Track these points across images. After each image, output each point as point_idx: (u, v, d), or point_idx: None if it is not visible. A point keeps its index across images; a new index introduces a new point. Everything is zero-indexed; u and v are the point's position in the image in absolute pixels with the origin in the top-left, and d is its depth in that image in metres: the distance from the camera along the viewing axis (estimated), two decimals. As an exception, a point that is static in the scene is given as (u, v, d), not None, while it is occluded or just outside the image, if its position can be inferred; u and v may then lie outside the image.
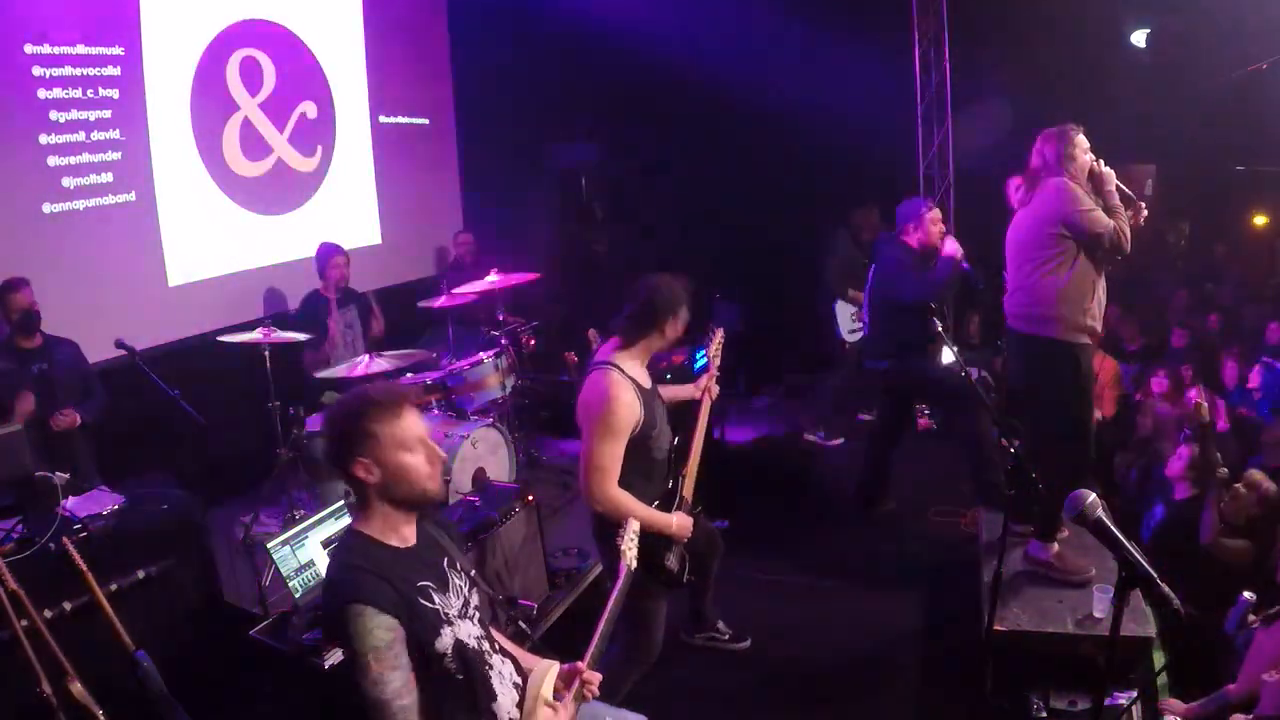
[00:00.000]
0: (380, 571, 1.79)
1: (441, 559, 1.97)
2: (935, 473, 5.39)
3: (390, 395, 1.89)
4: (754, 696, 3.50)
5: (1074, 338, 3.41)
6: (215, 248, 5.30)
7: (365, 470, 1.83)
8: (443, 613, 1.86)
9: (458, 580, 1.96)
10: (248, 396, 4.47)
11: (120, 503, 3.41)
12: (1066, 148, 3.38)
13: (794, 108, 7.50)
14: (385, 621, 1.75)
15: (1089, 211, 3.31)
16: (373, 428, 1.83)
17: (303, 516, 3.60)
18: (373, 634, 1.73)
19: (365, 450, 1.83)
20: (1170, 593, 1.66)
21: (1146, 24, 6.66)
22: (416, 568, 1.87)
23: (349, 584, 1.78)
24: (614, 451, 2.71)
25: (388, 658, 1.74)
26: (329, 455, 1.94)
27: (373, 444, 1.83)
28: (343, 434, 1.86)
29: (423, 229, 7.02)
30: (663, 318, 2.83)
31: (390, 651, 1.75)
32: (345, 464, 1.85)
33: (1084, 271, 3.36)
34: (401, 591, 1.79)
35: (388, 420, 1.84)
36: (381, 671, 1.74)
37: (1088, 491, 1.70)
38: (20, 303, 4.04)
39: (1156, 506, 4.24)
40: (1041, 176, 3.45)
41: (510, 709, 1.96)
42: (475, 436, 4.50)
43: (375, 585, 1.77)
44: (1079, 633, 3.26)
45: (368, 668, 1.73)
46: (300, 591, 3.08)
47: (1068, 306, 3.37)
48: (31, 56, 4.31)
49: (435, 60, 7.12)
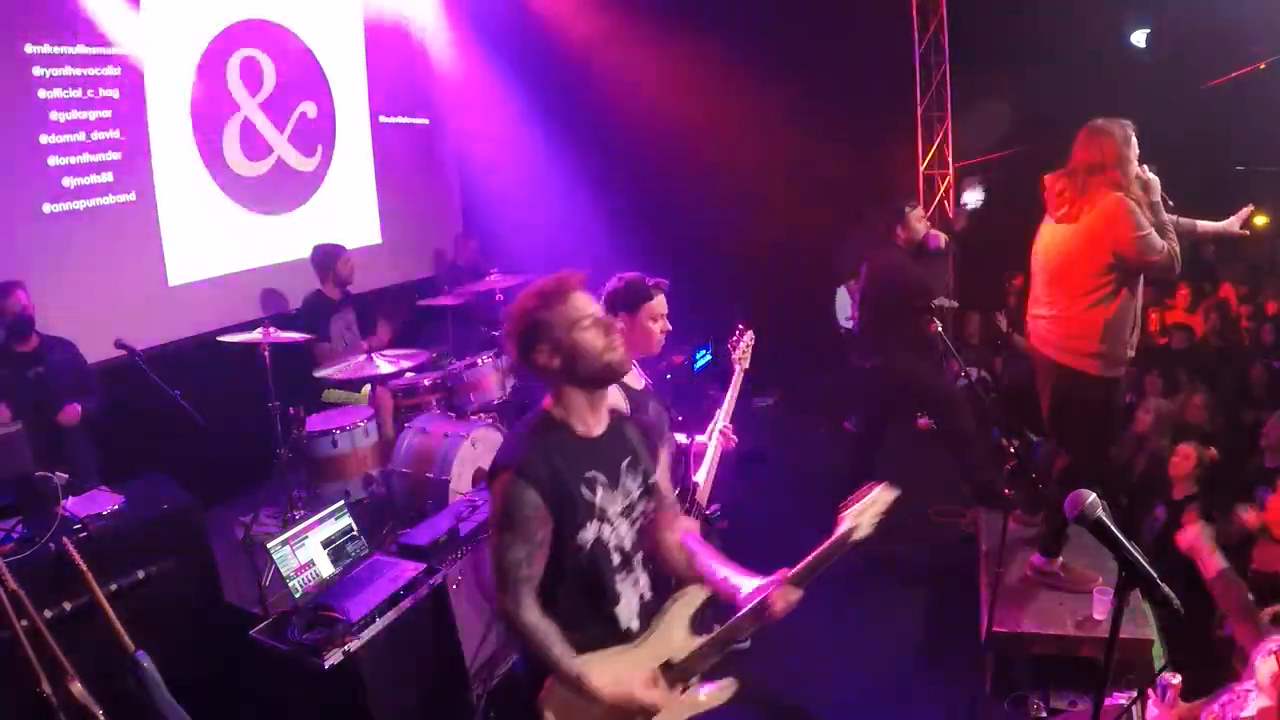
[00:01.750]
0: (550, 450, 1.90)
1: (624, 458, 2.03)
2: (935, 473, 5.39)
3: (555, 282, 1.97)
4: (754, 696, 3.50)
5: (1112, 372, 3.21)
6: (215, 248, 5.30)
7: (546, 356, 1.92)
8: (598, 507, 1.93)
9: (630, 483, 2.02)
10: (248, 396, 4.47)
11: (120, 503, 3.40)
12: (1124, 149, 3.07)
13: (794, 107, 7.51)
14: (530, 497, 1.84)
15: (1147, 235, 3.01)
16: (543, 315, 1.92)
17: (303, 516, 3.59)
18: (514, 502, 1.84)
19: (542, 337, 1.91)
20: (1171, 593, 1.65)
21: (1146, 24, 6.66)
22: (591, 458, 1.95)
23: (516, 450, 1.92)
24: None
25: (519, 529, 1.84)
26: (515, 354, 1.99)
27: (546, 330, 1.91)
28: (519, 330, 1.95)
29: (423, 229, 7.02)
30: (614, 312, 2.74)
31: (524, 526, 1.84)
32: (528, 357, 1.94)
33: (1129, 299, 3.13)
34: (563, 476, 1.88)
35: (556, 305, 1.93)
36: (509, 539, 1.84)
37: (1088, 491, 1.70)
38: (13, 307, 4.02)
39: (1158, 507, 4.23)
40: (1093, 186, 3.10)
41: (630, 619, 2.02)
42: (475, 436, 4.50)
43: (538, 461, 1.87)
44: (1079, 634, 3.26)
45: (498, 529, 1.87)
46: (300, 591, 3.08)
47: (1111, 340, 3.14)
48: (31, 56, 4.30)
49: (435, 60, 7.12)
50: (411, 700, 3.13)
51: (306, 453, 4.54)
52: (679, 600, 2.06)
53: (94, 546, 3.05)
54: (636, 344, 2.80)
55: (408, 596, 3.14)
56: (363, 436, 4.59)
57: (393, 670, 3.06)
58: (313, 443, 4.49)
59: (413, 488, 4.45)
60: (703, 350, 6.54)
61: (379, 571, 3.25)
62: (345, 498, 3.89)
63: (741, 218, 7.96)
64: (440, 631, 3.27)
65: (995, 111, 6.62)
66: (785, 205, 7.57)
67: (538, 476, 1.85)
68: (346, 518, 3.36)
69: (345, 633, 2.86)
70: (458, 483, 4.33)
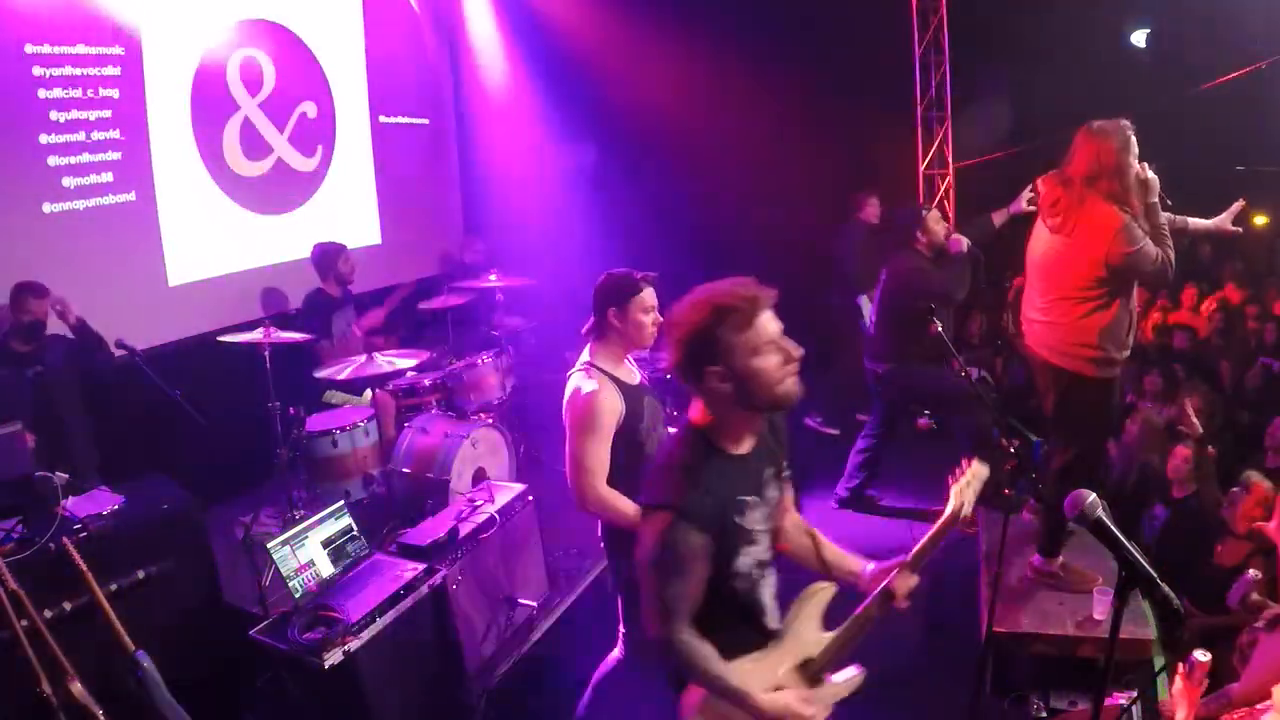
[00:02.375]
0: (709, 481, 1.78)
1: (767, 468, 1.94)
2: (935, 473, 5.38)
3: (744, 299, 1.79)
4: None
5: (1109, 372, 3.24)
6: (215, 248, 5.30)
7: (718, 379, 1.77)
8: (748, 530, 1.85)
9: (772, 491, 1.95)
10: (248, 396, 4.47)
11: (120, 503, 3.40)
12: (1125, 156, 3.00)
13: (794, 107, 7.51)
14: (694, 539, 1.74)
15: (1141, 249, 2.98)
16: (725, 335, 1.75)
17: (303, 516, 3.60)
18: (676, 545, 1.73)
19: (718, 359, 1.76)
20: (1171, 593, 1.65)
21: (1146, 24, 6.66)
22: (743, 479, 1.86)
23: (674, 487, 1.77)
24: (595, 450, 2.67)
25: (682, 569, 1.75)
26: (680, 367, 1.83)
27: (726, 352, 1.75)
28: (691, 344, 1.78)
29: (423, 229, 7.02)
30: (604, 309, 2.77)
31: (686, 565, 1.75)
32: (696, 374, 1.79)
33: (1123, 305, 3.15)
34: (724, 508, 1.79)
35: (742, 328, 1.76)
36: (669, 578, 1.75)
37: (1088, 491, 1.70)
38: (38, 309, 4.03)
39: (1156, 507, 4.24)
40: (1089, 196, 3.06)
41: (774, 622, 1.99)
42: (475, 436, 4.50)
43: (700, 500, 1.76)
44: (1079, 634, 3.26)
45: (657, 569, 1.75)
46: (300, 591, 3.08)
47: (1107, 345, 3.16)
48: (31, 56, 4.30)
49: (435, 60, 7.12)
50: (411, 700, 3.13)
51: (306, 453, 4.54)
52: (809, 599, 2.02)
53: (94, 546, 3.05)
54: (629, 338, 2.80)
55: (408, 596, 3.14)
56: (363, 436, 4.59)
57: (393, 670, 3.06)
58: (313, 443, 4.49)
59: (413, 488, 4.45)
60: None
61: (379, 571, 3.25)
62: (345, 498, 3.90)
63: (742, 217, 7.96)
64: (440, 631, 3.27)
65: (995, 111, 6.62)
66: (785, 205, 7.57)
67: (700, 516, 1.75)
68: (346, 518, 3.37)
69: (345, 633, 2.86)
70: (458, 483, 4.33)
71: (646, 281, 2.80)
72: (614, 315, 2.76)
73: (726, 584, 1.84)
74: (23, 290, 4.02)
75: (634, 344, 2.82)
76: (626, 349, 2.85)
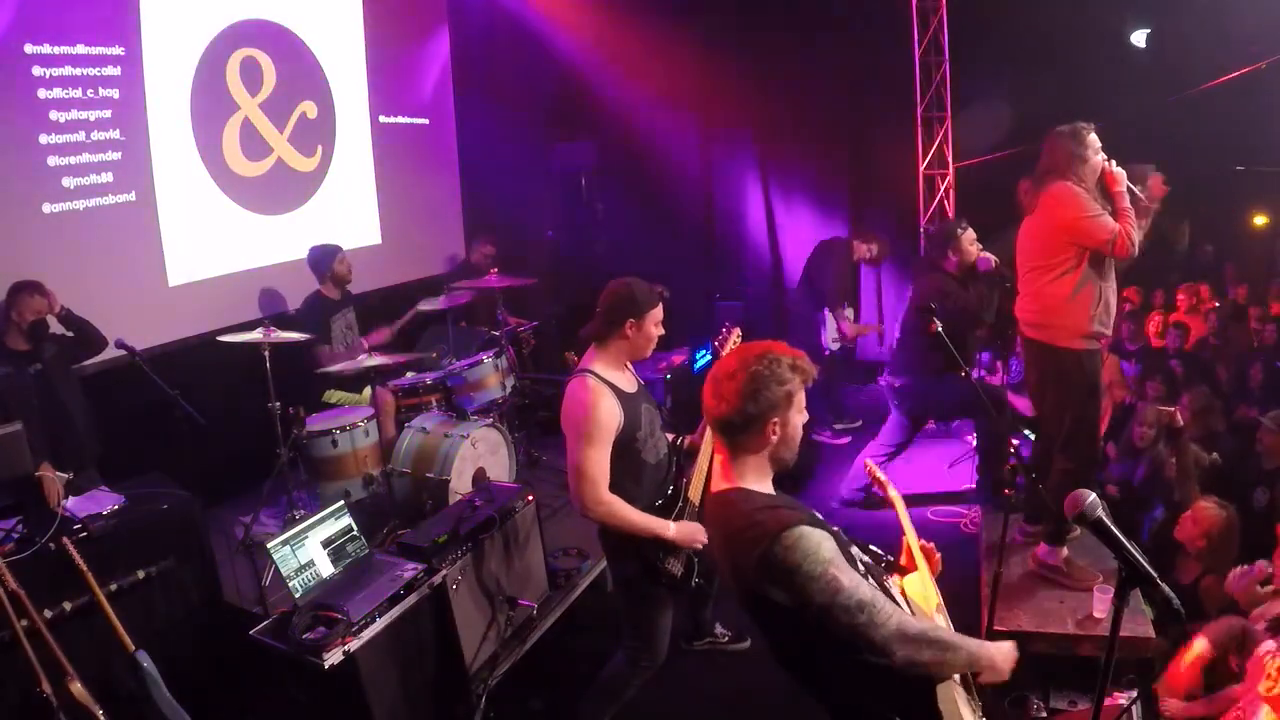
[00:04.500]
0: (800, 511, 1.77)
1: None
2: (934, 472, 5.40)
3: (806, 370, 1.83)
4: (756, 697, 3.50)
5: (1081, 344, 3.39)
6: (215, 248, 5.30)
7: (774, 430, 1.78)
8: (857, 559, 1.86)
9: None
10: (248, 396, 4.47)
11: (120, 503, 3.41)
12: (1078, 148, 3.32)
13: (793, 108, 7.51)
14: (822, 535, 1.71)
15: (1094, 217, 3.26)
16: (794, 390, 1.79)
17: (303, 516, 3.59)
18: (821, 547, 1.69)
19: (780, 411, 1.78)
20: (1171, 593, 1.65)
21: (1146, 24, 6.66)
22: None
23: (766, 520, 1.72)
24: (597, 458, 2.68)
25: (842, 564, 1.70)
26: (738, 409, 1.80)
27: (786, 406, 1.78)
28: (767, 395, 1.78)
29: (423, 229, 7.02)
30: (622, 319, 2.78)
31: (840, 558, 1.71)
32: (759, 426, 1.79)
33: (1089, 277, 3.34)
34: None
35: (801, 384, 1.81)
36: (846, 578, 1.68)
37: (1088, 491, 1.70)
38: (40, 308, 4.04)
39: (1157, 508, 4.24)
40: (1048, 180, 3.38)
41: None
42: (475, 436, 4.50)
43: (792, 509, 1.74)
44: (1079, 633, 3.26)
45: (834, 579, 1.67)
46: (300, 591, 3.08)
47: (1074, 314, 3.36)
48: (31, 56, 4.30)
49: (435, 60, 7.12)
50: (411, 700, 3.13)
51: (306, 453, 4.54)
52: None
53: (94, 546, 3.06)
54: (637, 349, 2.83)
55: (408, 596, 3.14)
56: (363, 436, 4.59)
57: (393, 670, 3.06)
58: (313, 443, 4.49)
59: (413, 488, 4.45)
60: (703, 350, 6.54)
61: (379, 571, 3.25)
62: (345, 498, 3.89)
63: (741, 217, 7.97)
64: (440, 631, 3.27)
65: (995, 111, 6.61)
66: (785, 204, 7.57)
67: (809, 519, 1.75)
68: (346, 518, 3.37)
69: (345, 633, 2.86)
70: (458, 483, 4.33)
71: (660, 295, 2.86)
72: (631, 327, 2.78)
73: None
74: (22, 289, 4.02)
75: (639, 354, 2.86)
76: (630, 357, 2.87)
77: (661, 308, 2.85)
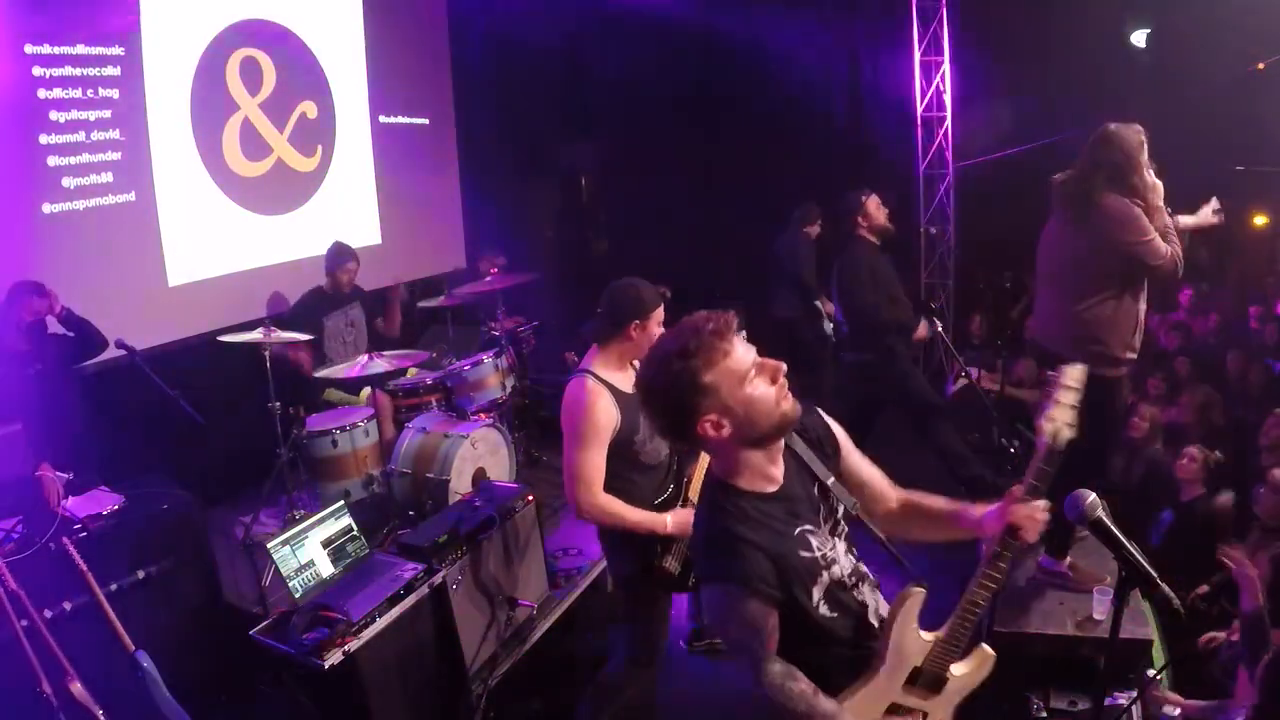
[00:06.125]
0: (756, 535, 1.65)
1: (812, 484, 1.79)
2: (933, 472, 5.38)
3: (709, 333, 1.64)
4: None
5: (1115, 371, 3.20)
6: (215, 248, 5.29)
7: (715, 427, 1.64)
8: (819, 557, 1.73)
9: (832, 503, 1.81)
10: (248, 396, 4.47)
11: (120, 503, 3.41)
12: (1141, 155, 3.06)
13: (793, 108, 7.52)
14: (759, 607, 1.64)
15: (1151, 241, 3.02)
16: (704, 377, 1.61)
17: (303, 516, 3.59)
18: (747, 615, 1.63)
19: (707, 405, 1.62)
20: (1171, 593, 1.66)
21: (1146, 24, 6.66)
22: (790, 511, 1.72)
23: (724, 557, 1.65)
24: (593, 459, 2.67)
25: (759, 631, 1.65)
26: (669, 430, 1.72)
27: (712, 394, 1.61)
28: (674, 402, 1.64)
29: (423, 229, 7.01)
30: (627, 320, 2.76)
31: (760, 626, 1.65)
32: (690, 431, 1.65)
33: (1133, 300, 3.15)
34: (779, 552, 1.66)
35: (717, 361, 1.62)
36: (748, 639, 1.65)
37: (1087, 491, 1.70)
38: (40, 308, 4.03)
39: (1164, 512, 4.22)
40: (1104, 191, 3.08)
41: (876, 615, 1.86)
42: (475, 436, 4.50)
43: (755, 560, 1.63)
44: (1079, 634, 3.26)
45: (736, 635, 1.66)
46: (300, 591, 3.08)
47: (1115, 340, 3.15)
48: (31, 56, 4.30)
49: (435, 60, 7.11)
50: (411, 700, 3.13)
51: (306, 453, 4.54)
52: (900, 608, 1.85)
53: (94, 546, 3.05)
54: (640, 349, 2.81)
55: (408, 596, 3.14)
56: (363, 436, 4.59)
57: (393, 670, 3.06)
58: (313, 443, 4.49)
59: (413, 488, 4.45)
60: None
61: (379, 571, 3.25)
62: (345, 498, 3.89)
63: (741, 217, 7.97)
64: (440, 631, 3.27)
65: (995, 111, 6.62)
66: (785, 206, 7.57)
67: (764, 579, 1.63)
68: (346, 518, 3.37)
69: (345, 633, 2.86)
70: (458, 483, 4.33)
71: (663, 296, 2.84)
72: (635, 328, 2.76)
73: (812, 618, 1.72)
74: (22, 289, 4.02)
75: (635, 356, 2.83)
76: (632, 358, 2.86)
77: (663, 308, 2.83)
